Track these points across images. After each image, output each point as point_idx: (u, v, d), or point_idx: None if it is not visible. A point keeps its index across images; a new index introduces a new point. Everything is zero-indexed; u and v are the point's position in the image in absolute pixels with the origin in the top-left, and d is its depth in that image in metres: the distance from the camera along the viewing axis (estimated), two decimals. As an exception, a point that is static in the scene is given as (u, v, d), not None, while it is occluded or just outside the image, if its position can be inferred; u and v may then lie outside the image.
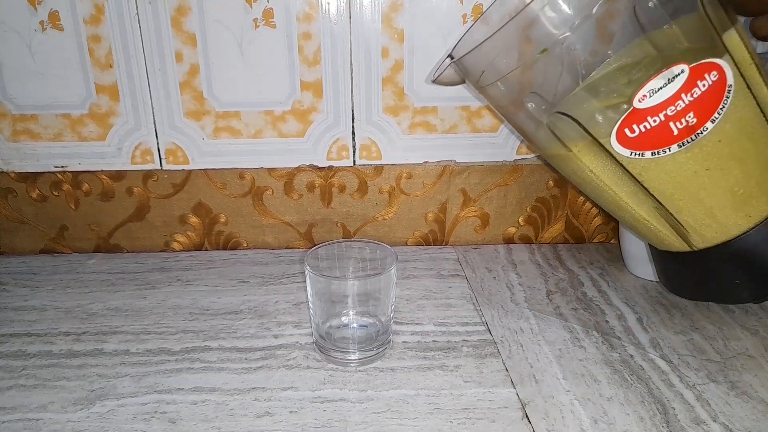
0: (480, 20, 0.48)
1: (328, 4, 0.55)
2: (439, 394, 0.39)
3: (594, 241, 0.65)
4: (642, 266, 0.55)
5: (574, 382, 0.40)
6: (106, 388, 0.40)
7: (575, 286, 0.54)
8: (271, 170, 0.61)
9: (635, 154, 0.38)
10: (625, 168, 0.39)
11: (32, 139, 0.59)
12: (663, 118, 0.36)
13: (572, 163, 0.42)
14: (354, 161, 0.61)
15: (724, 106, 0.36)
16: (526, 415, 0.37)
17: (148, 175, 0.61)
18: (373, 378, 0.41)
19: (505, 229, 0.64)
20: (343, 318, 0.44)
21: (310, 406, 0.38)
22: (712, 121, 0.36)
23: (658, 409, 0.37)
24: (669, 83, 0.36)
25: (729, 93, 0.36)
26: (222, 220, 0.63)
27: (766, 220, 0.39)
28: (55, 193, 0.61)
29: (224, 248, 0.64)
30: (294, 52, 0.57)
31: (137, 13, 0.55)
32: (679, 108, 0.36)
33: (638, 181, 0.40)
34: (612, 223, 0.64)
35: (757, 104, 0.38)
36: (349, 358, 0.42)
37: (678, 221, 0.41)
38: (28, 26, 0.55)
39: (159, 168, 0.60)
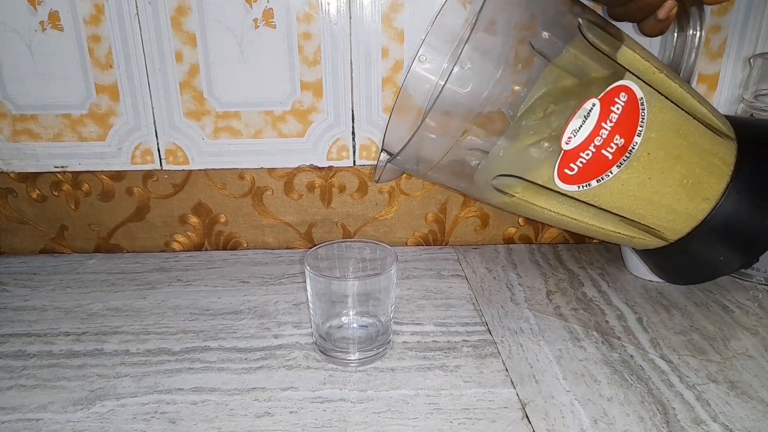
0: (400, 99, 0.51)
1: (328, 4, 0.55)
2: (439, 394, 0.39)
3: (594, 241, 0.65)
4: (642, 266, 0.55)
5: (574, 382, 0.40)
6: (106, 388, 0.40)
7: (575, 286, 0.54)
8: (271, 170, 0.61)
9: (582, 187, 0.40)
10: (578, 199, 0.41)
11: (32, 139, 0.59)
12: (594, 150, 0.39)
13: (531, 208, 0.44)
14: (354, 161, 0.61)
15: (643, 118, 0.39)
16: (526, 415, 0.37)
17: (148, 175, 0.61)
18: (373, 378, 0.41)
19: (505, 229, 0.64)
20: (343, 318, 0.44)
21: (310, 406, 0.38)
22: (639, 135, 0.39)
23: (658, 409, 0.37)
24: (586, 119, 0.38)
25: (643, 105, 0.39)
26: (222, 220, 0.63)
27: (722, 197, 0.41)
28: (55, 193, 0.61)
29: (224, 248, 0.64)
30: (294, 52, 0.57)
31: (137, 13, 0.55)
32: (604, 136, 0.38)
33: (594, 206, 0.42)
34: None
35: (672, 102, 0.40)
36: (349, 358, 0.42)
37: (645, 225, 0.43)
38: (28, 26, 0.55)
39: (159, 168, 0.60)
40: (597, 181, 0.40)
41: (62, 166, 0.60)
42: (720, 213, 0.41)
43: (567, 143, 0.38)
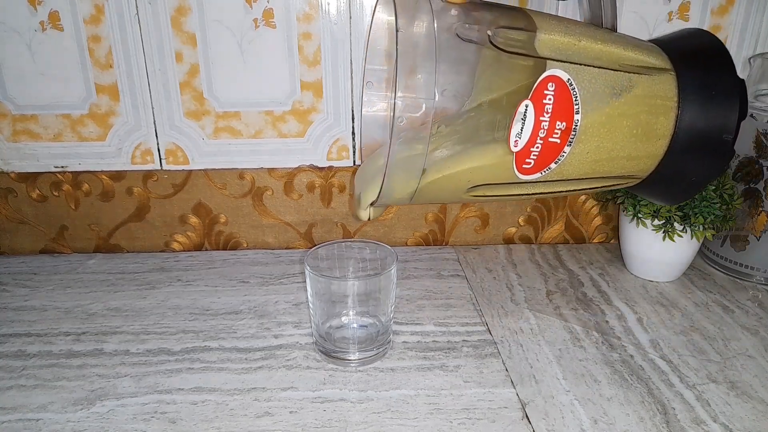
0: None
1: (328, 4, 0.55)
2: (439, 394, 0.39)
3: (594, 241, 0.65)
4: (642, 266, 0.55)
5: (574, 382, 0.40)
6: (106, 388, 0.40)
7: (575, 286, 0.54)
8: (271, 170, 0.61)
9: (544, 172, 0.42)
10: (546, 180, 0.43)
11: (32, 139, 0.59)
12: (542, 141, 0.40)
13: (511, 198, 0.45)
14: (354, 161, 0.61)
15: (576, 97, 0.40)
16: (526, 415, 0.37)
17: (148, 175, 0.61)
18: (373, 378, 0.41)
19: (505, 229, 0.64)
20: (343, 318, 0.44)
21: (310, 406, 0.38)
22: (577, 113, 0.40)
23: (658, 409, 0.37)
24: (524, 120, 0.39)
25: (572, 85, 0.40)
26: (222, 220, 0.63)
27: (675, 129, 0.42)
28: (55, 194, 0.61)
29: (224, 248, 0.64)
30: (294, 52, 0.57)
31: (137, 13, 0.55)
32: (546, 128, 0.40)
33: (563, 180, 0.43)
34: (612, 223, 0.64)
35: (600, 67, 0.41)
36: (349, 358, 0.42)
37: (615, 176, 0.44)
38: (28, 26, 0.55)
39: (159, 168, 0.60)
40: (555, 163, 0.41)
41: (62, 166, 0.60)
42: (678, 143, 0.43)
43: (515, 146, 0.40)
